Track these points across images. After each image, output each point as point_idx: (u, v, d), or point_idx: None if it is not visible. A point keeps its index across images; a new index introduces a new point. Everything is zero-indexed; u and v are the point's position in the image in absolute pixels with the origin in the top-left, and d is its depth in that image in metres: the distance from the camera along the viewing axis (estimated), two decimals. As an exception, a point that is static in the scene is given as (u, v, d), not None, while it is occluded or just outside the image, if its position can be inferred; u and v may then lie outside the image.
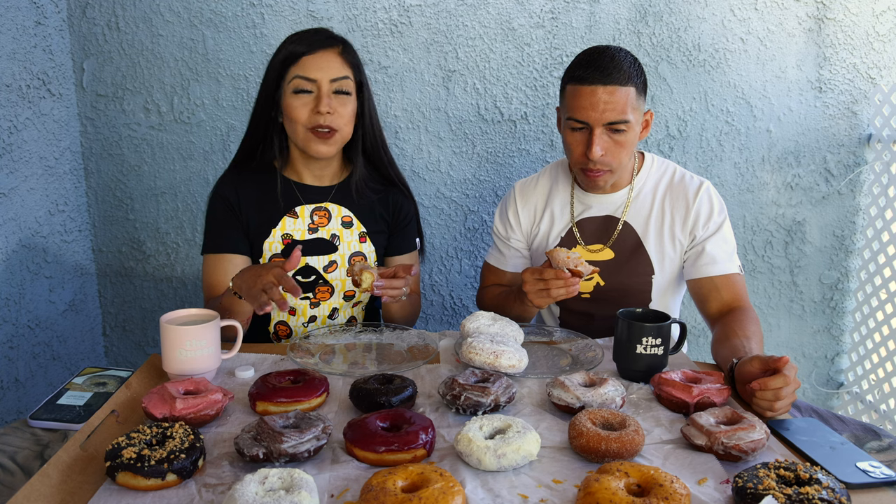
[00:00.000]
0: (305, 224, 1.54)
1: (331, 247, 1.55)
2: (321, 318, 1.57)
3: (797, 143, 2.29)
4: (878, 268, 2.27)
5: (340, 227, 1.56)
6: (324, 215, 1.55)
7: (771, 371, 1.08)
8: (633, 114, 1.42)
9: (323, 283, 1.54)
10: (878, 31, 2.22)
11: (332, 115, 1.43)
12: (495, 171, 2.28)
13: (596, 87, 1.39)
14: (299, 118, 1.44)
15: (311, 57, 1.43)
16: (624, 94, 1.40)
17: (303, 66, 1.43)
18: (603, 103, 1.39)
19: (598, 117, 1.40)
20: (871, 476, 0.90)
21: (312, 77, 1.42)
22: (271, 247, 1.52)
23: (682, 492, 0.82)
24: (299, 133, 1.46)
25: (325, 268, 1.54)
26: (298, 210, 1.54)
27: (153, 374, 1.24)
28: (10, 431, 1.08)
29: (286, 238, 1.52)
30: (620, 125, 1.41)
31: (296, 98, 1.43)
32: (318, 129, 1.43)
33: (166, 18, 2.12)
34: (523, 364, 1.22)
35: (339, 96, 1.45)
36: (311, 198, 1.56)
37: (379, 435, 0.94)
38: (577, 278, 1.33)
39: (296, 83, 1.43)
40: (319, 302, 1.55)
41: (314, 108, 1.43)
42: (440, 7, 2.14)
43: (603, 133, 1.42)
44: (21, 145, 1.93)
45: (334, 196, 1.57)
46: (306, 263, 1.52)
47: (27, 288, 1.98)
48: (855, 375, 2.42)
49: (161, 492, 0.87)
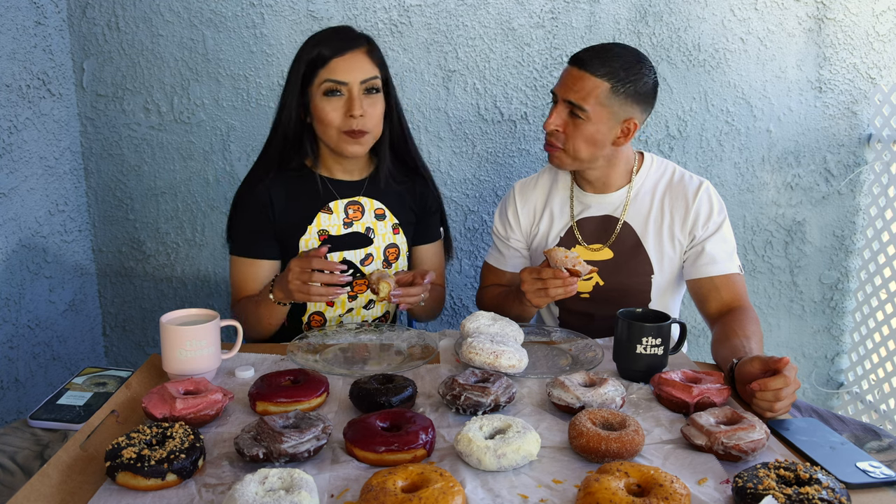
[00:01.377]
0: (340, 219, 1.54)
1: (366, 240, 1.56)
2: (356, 308, 1.59)
3: (797, 143, 2.29)
4: (878, 268, 2.27)
5: (374, 220, 1.58)
6: (357, 209, 1.56)
7: (771, 372, 1.08)
8: (595, 107, 1.42)
9: (360, 276, 1.55)
10: (878, 31, 2.22)
11: (364, 117, 1.43)
12: (495, 171, 2.28)
13: (573, 68, 1.45)
14: (332, 121, 1.43)
15: (340, 59, 1.42)
16: (592, 83, 1.42)
17: (332, 69, 1.42)
18: (571, 82, 1.44)
19: (563, 92, 1.46)
20: (871, 476, 0.90)
21: (343, 80, 1.41)
22: (307, 243, 1.53)
23: (682, 492, 0.82)
24: (332, 136, 1.45)
25: (361, 261, 1.55)
26: (332, 205, 1.54)
27: (153, 374, 1.24)
28: (10, 431, 1.08)
29: (322, 234, 1.53)
30: (577, 109, 1.44)
31: (327, 102, 1.43)
32: (351, 132, 1.43)
33: (166, 18, 2.12)
34: (523, 364, 1.22)
35: (370, 96, 1.45)
36: (344, 192, 1.56)
37: (379, 435, 0.94)
38: (575, 278, 1.33)
39: (326, 86, 1.42)
40: (357, 294, 1.57)
41: (347, 111, 1.42)
42: (440, 7, 2.14)
43: (563, 110, 1.46)
44: (21, 145, 1.93)
45: (366, 189, 1.58)
46: (344, 258, 1.54)
47: (27, 288, 1.98)
48: (855, 375, 2.42)
49: (161, 492, 0.87)
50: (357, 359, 1.35)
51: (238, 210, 1.54)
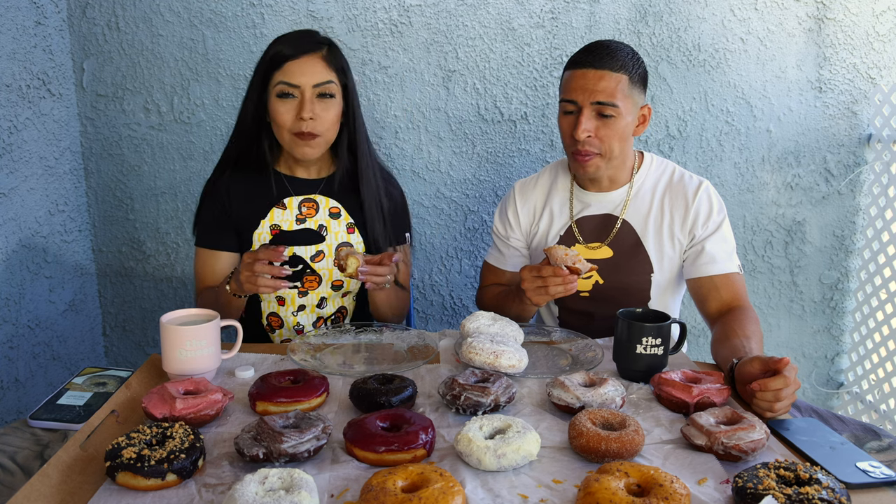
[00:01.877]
0: (293, 215, 1.57)
1: (318, 237, 1.57)
2: (309, 306, 1.59)
3: (797, 143, 2.29)
4: (878, 268, 2.27)
5: (328, 218, 1.59)
6: (311, 206, 1.58)
7: (771, 372, 1.08)
8: (623, 101, 1.44)
9: (310, 272, 1.57)
10: (878, 31, 2.22)
11: (315, 120, 1.45)
12: (495, 171, 2.28)
13: (587, 70, 1.44)
14: (284, 123, 1.47)
15: (294, 62, 1.45)
16: (615, 79, 1.43)
17: (286, 72, 1.45)
18: (592, 84, 1.43)
19: (587, 97, 1.44)
20: (871, 476, 0.90)
21: (295, 83, 1.44)
22: (260, 237, 1.56)
23: (682, 492, 0.82)
24: (284, 136, 1.49)
25: (312, 257, 1.57)
26: (287, 201, 1.57)
27: (153, 374, 1.24)
28: (10, 431, 1.08)
29: (274, 228, 1.56)
30: (608, 108, 1.43)
31: (280, 103, 1.46)
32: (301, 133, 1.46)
33: (166, 18, 2.12)
34: (523, 364, 1.22)
35: (323, 100, 1.47)
36: (300, 190, 1.59)
37: (379, 435, 0.94)
38: (574, 276, 1.33)
39: (279, 88, 1.45)
40: (307, 291, 1.58)
41: (297, 114, 1.45)
42: (440, 7, 2.14)
43: (591, 114, 1.45)
44: (21, 145, 1.93)
45: (323, 188, 1.60)
46: (294, 253, 1.55)
47: (27, 288, 1.98)
48: (855, 375, 2.42)
49: (161, 492, 0.87)
50: (357, 359, 1.36)
51: (202, 202, 1.60)
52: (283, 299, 1.58)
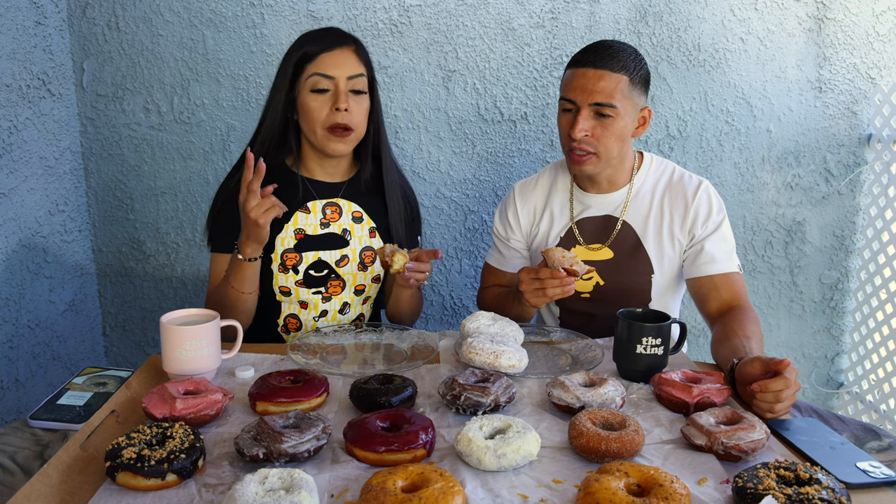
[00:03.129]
0: (317, 219, 1.55)
1: (342, 241, 1.56)
2: (332, 312, 1.57)
3: (797, 143, 2.29)
4: (878, 268, 2.27)
5: (351, 222, 1.58)
6: (335, 210, 1.57)
7: (772, 373, 1.08)
8: (622, 102, 1.44)
9: (335, 277, 1.55)
10: (878, 31, 2.22)
11: (350, 112, 1.45)
12: (495, 171, 2.28)
13: (587, 70, 1.44)
14: (318, 117, 1.45)
15: (328, 54, 1.44)
16: (614, 80, 1.43)
17: (320, 64, 1.44)
18: (592, 84, 1.43)
19: (585, 98, 1.44)
20: (871, 476, 0.90)
21: (330, 74, 1.44)
22: (283, 241, 1.53)
23: (682, 492, 0.82)
24: (317, 132, 1.47)
25: (336, 262, 1.55)
26: (310, 205, 1.55)
27: (153, 374, 1.24)
28: (10, 431, 1.08)
29: (298, 233, 1.53)
30: (606, 109, 1.43)
31: (313, 98, 1.45)
32: (336, 128, 1.45)
33: (166, 18, 2.12)
34: (523, 364, 1.22)
35: (356, 95, 1.47)
36: (323, 193, 1.57)
37: (379, 435, 0.94)
38: (572, 277, 1.33)
39: (313, 81, 1.44)
40: (331, 296, 1.56)
41: (332, 106, 1.44)
42: (440, 7, 2.14)
43: (589, 114, 1.45)
44: (21, 145, 1.93)
45: (345, 192, 1.59)
46: (319, 258, 1.53)
47: (27, 288, 1.98)
48: (855, 375, 2.42)
49: (161, 492, 0.87)
50: (357, 359, 1.35)
51: (218, 208, 1.55)
52: (305, 303, 1.56)
